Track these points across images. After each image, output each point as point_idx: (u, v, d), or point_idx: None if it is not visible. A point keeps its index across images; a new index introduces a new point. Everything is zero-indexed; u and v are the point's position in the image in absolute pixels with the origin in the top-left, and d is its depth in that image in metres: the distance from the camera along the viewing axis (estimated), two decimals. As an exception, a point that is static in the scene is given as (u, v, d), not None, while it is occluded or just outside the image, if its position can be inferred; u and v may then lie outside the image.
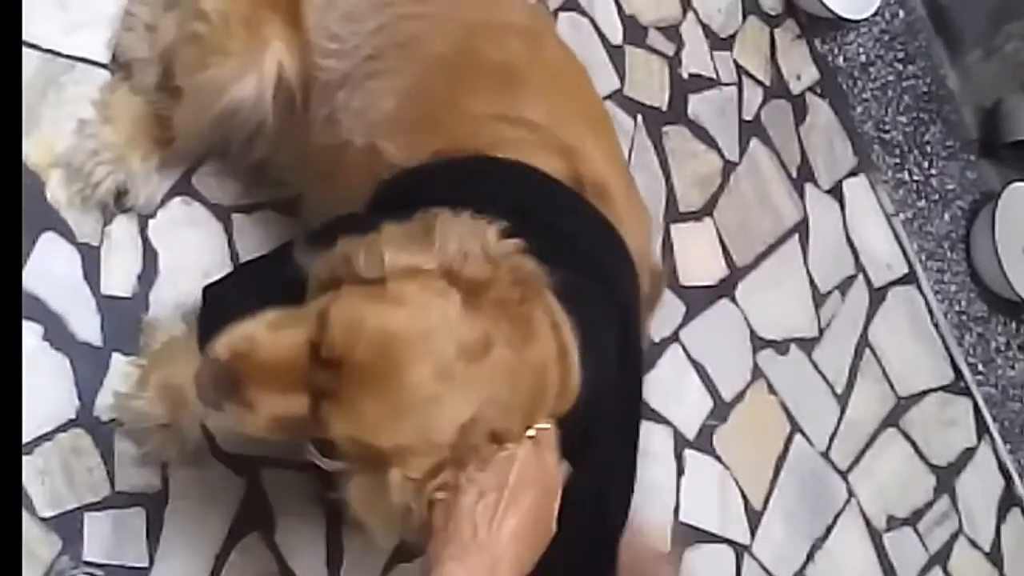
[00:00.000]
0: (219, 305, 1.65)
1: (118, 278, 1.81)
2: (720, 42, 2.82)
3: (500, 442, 1.24)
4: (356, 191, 1.56)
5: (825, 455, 2.72)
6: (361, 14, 1.66)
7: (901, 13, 3.29)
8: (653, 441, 2.39)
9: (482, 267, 1.24)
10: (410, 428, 1.20)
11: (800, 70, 2.97)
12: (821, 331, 2.80)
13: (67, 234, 1.77)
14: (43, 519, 1.66)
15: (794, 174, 2.85)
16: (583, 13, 2.55)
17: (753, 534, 2.52)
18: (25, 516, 1.64)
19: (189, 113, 1.74)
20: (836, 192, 2.95)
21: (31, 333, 1.71)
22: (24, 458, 1.65)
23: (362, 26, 1.66)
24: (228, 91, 1.68)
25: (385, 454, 1.21)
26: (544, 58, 1.65)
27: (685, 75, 2.71)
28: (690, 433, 2.47)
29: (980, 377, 3.16)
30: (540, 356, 1.28)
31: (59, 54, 1.83)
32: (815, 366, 2.76)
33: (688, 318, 2.53)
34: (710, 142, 2.71)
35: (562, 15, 2.50)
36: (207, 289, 1.66)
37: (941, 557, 2.90)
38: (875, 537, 2.77)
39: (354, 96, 1.63)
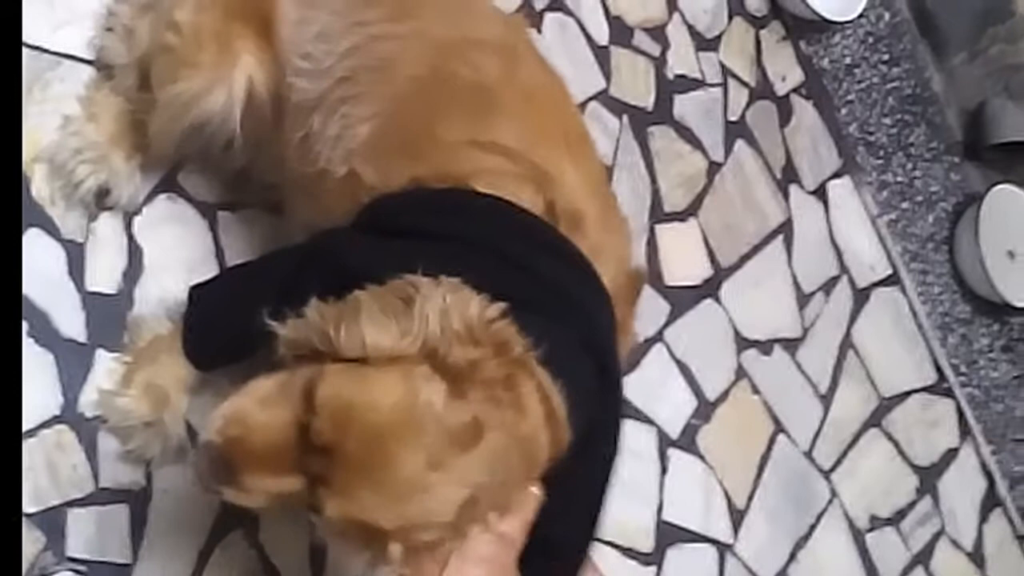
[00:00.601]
0: (205, 309, 1.66)
1: (103, 275, 1.81)
2: (706, 43, 2.83)
3: (502, 511, 1.29)
4: (337, 213, 1.56)
5: (808, 455, 2.73)
6: (334, 33, 1.65)
7: (886, 15, 3.30)
8: (636, 440, 2.40)
9: (466, 351, 1.25)
10: (408, 512, 1.22)
11: (785, 71, 2.98)
12: (805, 331, 2.81)
13: (52, 230, 1.77)
14: (27, 515, 1.66)
15: (779, 175, 2.86)
16: (569, 13, 2.55)
17: (736, 533, 2.53)
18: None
19: (161, 123, 1.74)
20: (820, 193, 2.96)
21: (15, 329, 1.71)
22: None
23: (335, 46, 1.64)
24: (197, 104, 1.67)
25: (384, 531, 1.22)
26: (519, 75, 1.62)
27: (671, 76, 2.72)
28: (674, 432, 2.47)
29: (963, 378, 3.17)
30: (531, 427, 1.29)
31: (45, 50, 1.82)
32: (799, 366, 2.77)
33: (672, 318, 2.54)
34: (695, 143, 2.72)
35: (548, 15, 2.51)
36: (194, 290, 1.67)
37: (923, 557, 2.91)
38: (858, 537, 2.78)
39: (329, 122, 1.62)
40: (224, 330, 1.64)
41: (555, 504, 1.36)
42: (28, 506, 1.66)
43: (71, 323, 1.76)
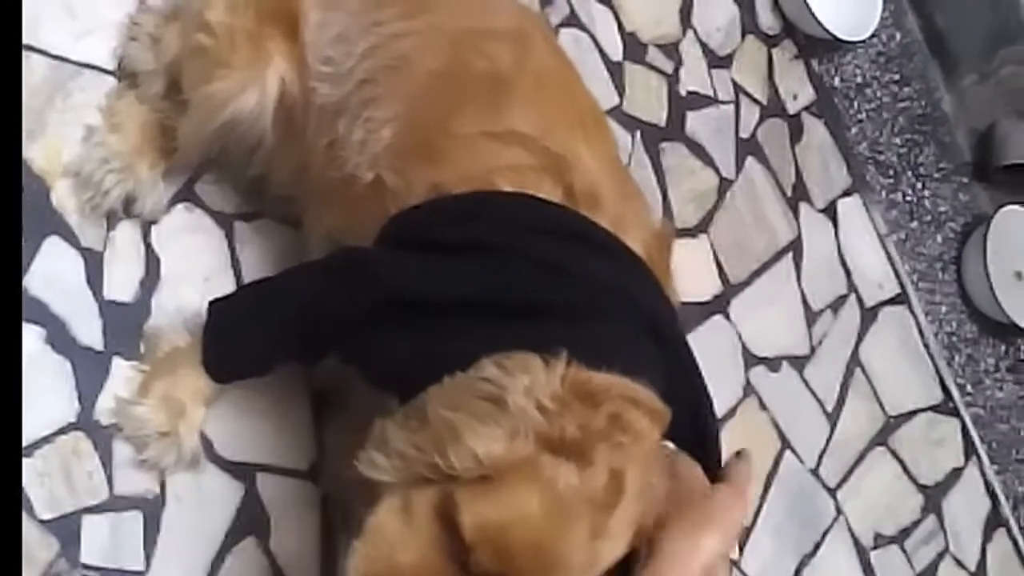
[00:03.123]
0: (226, 325, 1.67)
1: (120, 283, 1.81)
2: (718, 60, 2.84)
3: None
4: (364, 221, 1.57)
5: (814, 472, 2.74)
6: (352, 35, 1.66)
7: (897, 35, 3.32)
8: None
9: (569, 420, 1.24)
10: None
11: (797, 90, 3.00)
12: (813, 349, 2.82)
13: (71, 239, 1.78)
14: (42, 521, 1.66)
15: (789, 193, 2.88)
16: (583, 29, 2.57)
17: (742, 549, 2.53)
18: (24, 518, 1.64)
19: (192, 124, 1.75)
20: (830, 212, 2.98)
21: (33, 336, 1.71)
22: (24, 460, 1.66)
23: (354, 48, 1.65)
24: (230, 104, 1.68)
25: None
26: (532, 62, 1.63)
27: (683, 92, 2.73)
28: (682, 448, 2.47)
29: (968, 398, 3.18)
30: (651, 440, 1.31)
31: (67, 60, 1.83)
32: (806, 384, 2.78)
33: (682, 334, 2.54)
34: (707, 159, 2.73)
35: (563, 31, 2.52)
36: (213, 304, 1.68)
37: (927, 576, 2.92)
38: (862, 554, 2.78)
39: (354, 127, 1.63)
40: (244, 347, 1.65)
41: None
42: (43, 512, 1.67)
43: (88, 331, 1.76)
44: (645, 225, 1.59)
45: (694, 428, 1.44)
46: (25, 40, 1.80)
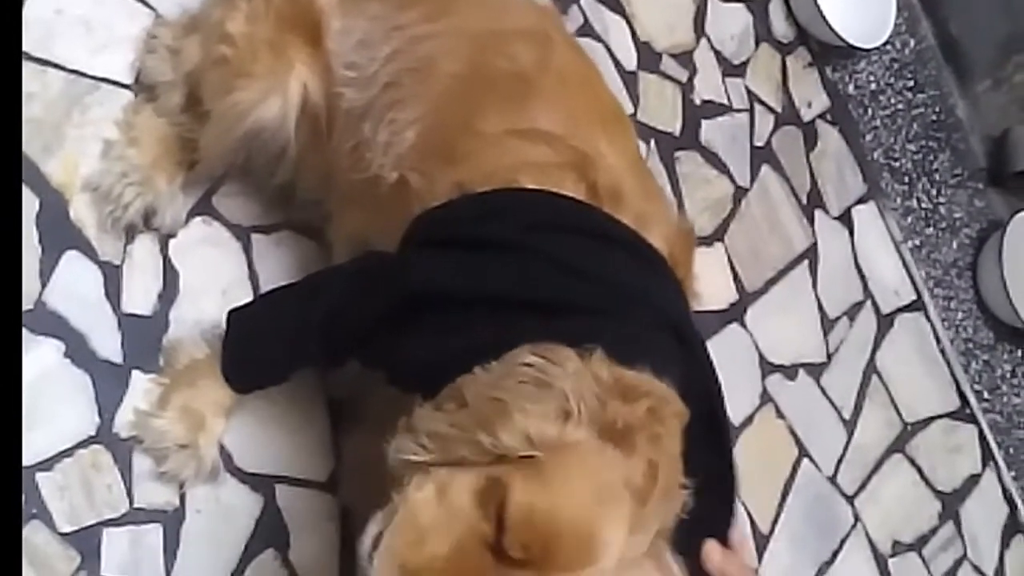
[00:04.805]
0: (246, 333, 1.68)
1: (139, 297, 1.82)
2: (733, 69, 2.85)
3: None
4: (389, 223, 1.57)
5: (832, 480, 2.73)
6: (375, 40, 1.68)
7: (911, 42, 3.32)
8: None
9: (615, 408, 1.25)
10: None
11: (811, 97, 3.00)
12: (829, 356, 2.82)
13: (89, 253, 1.79)
14: (62, 534, 1.67)
15: (804, 200, 2.88)
16: (598, 39, 2.57)
17: (760, 558, 2.53)
18: (44, 531, 1.65)
19: (214, 135, 1.75)
20: (845, 219, 2.97)
21: (52, 350, 1.72)
22: (44, 474, 1.67)
23: (377, 52, 1.67)
24: (253, 113, 1.69)
25: None
26: (553, 61, 1.64)
27: (698, 101, 2.74)
28: (699, 457, 2.47)
29: (986, 404, 3.18)
30: (677, 439, 1.32)
31: (84, 74, 1.84)
32: (823, 391, 2.78)
33: (698, 342, 2.54)
34: (722, 168, 2.73)
35: (578, 41, 2.52)
36: (232, 314, 1.68)
37: (945, 583, 2.92)
38: (880, 562, 2.78)
39: (379, 129, 1.64)
40: (264, 353, 1.66)
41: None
42: (63, 525, 1.67)
43: (107, 344, 1.77)
44: (667, 222, 1.60)
45: (709, 427, 1.44)
46: (42, 55, 1.81)
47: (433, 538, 1.20)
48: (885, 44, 3.11)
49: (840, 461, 2.76)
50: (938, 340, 3.09)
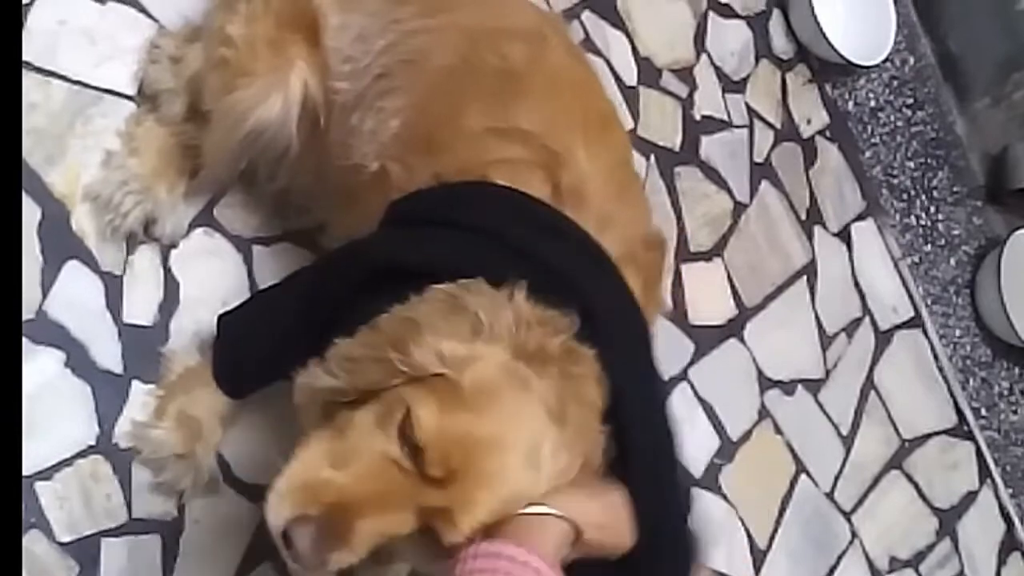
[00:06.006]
0: (233, 335, 1.68)
1: (139, 307, 1.83)
2: (733, 85, 2.85)
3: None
4: (372, 214, 1.58)
5: (830, 496, 2.73)
6: (371, 34, 1.69)
7: (911, 60, 3.33)
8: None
9: (530, 335, 1.27)
10: (531, 492, 1.25)
11: (811, 114, 3.01)
12: (827, 372, 2.82)
13: (91, 263, 1.80)
14: (61, 544, 1.68)
15: (803, 216, 2.88)
16: (599, 54, 2.58)
17: (758, 573, 2.53)
18: (44, 541, 1.66)
19: (217, 137, 1.76)
20: (844, 235, 2.98)
21: (53, 359, 1.73)
22: (44, 483, 1.68)
23: (372, 45, 1.68)
24: (255, 112, 1.70)
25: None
26: (545, 62, 1.65)
27: (698, 117, 2.75)
28: (697, 471, 2.48)
29: (983, 421, 3.18)
30: (594, 392, 1.34)
31: (87, 86, 1.86)
32: (821, 407, 2.78)
33: (697, 357, 2.55)
34: (721, 183, 2.74)
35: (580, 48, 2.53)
36: (222, 318, 1.69)
37: (942, 600, 2.91)
38: (877, 578, 2.79)
39: (366, 118, 1.65)
40: (253, 354, 1.66)
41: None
42: (62, 535, 1.68)
43: (108, 354, 1.78)
44: (633, 226, 1.61)
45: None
46: (45, 66, 1.83)
47: (338, 469, 1.23)
48: (885, 61, 3.12)
49: (838, 477, 2.76)
50: (936, 357, 3.09)
